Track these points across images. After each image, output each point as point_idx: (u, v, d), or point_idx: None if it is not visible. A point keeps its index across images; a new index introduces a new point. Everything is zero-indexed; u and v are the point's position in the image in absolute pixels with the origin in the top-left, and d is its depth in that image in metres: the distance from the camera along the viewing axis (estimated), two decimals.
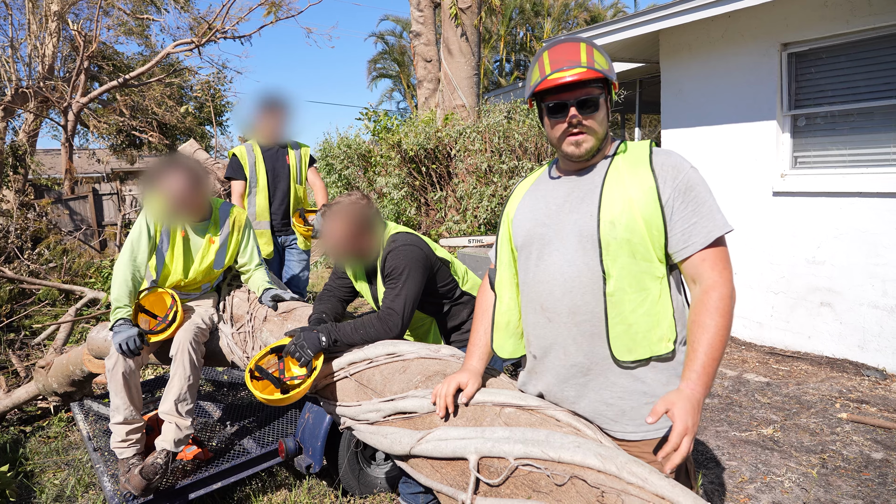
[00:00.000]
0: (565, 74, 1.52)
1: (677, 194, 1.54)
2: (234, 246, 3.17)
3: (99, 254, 10.01)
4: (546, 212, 1.69)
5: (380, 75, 25.55)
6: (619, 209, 1.54)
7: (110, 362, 2.76)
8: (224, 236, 3.12)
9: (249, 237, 3.23)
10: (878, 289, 4.54)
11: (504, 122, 7.81)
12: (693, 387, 1.44)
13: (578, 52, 1.56)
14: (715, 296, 1.50)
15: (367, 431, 2.06)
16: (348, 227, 2.40)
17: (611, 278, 1.55)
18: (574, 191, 1.66)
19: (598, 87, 1.57)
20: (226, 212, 3.15)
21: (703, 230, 1.53)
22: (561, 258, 1.62)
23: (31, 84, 12.23)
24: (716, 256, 1.54)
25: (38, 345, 5.66)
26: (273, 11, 11.88)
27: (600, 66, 1.55)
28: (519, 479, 1.50)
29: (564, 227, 1.63)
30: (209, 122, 18.39)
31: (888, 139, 4.50)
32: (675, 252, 1.56)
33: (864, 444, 3.46)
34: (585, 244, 1.58)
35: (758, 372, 4.70)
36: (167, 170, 2.87)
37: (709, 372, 1.46)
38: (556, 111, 1.58)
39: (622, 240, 1.53)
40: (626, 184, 1.57)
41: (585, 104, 1.55)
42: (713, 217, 1.54)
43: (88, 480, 3.44)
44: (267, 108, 4.23)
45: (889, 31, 4.36)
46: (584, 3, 22.13)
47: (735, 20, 5.14)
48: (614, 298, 1.55)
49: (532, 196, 1.78)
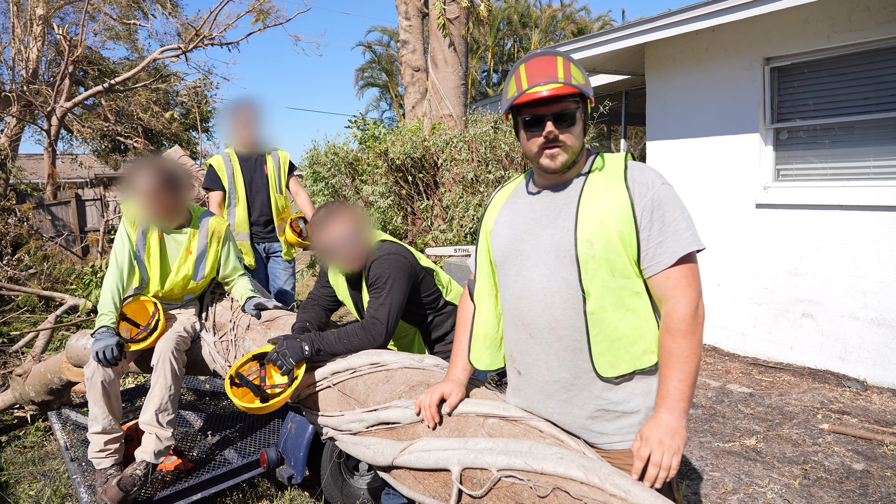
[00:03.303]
0: (542, 89, 1.52)
1: (646, 212, 1.54)
2: (214, 258, 3.11)
3: (81, 260, 9.89)
4: (524, 227, 1.69)
5: (367, 84, 25.59)
6: (595, 227, 1.55)
7: (89, 370, 2.72)
8: (202, 247, 3.05)
9: (230, 249, 3.17)
10: (859, 301, 4.59)
11: (491, 133, 7.83)
12: (665, 414, 1.48)
13: (556, 66, 1.56)
14: (676, 317, 1.52)
15: (350, 442, 2.04)
16: (351, 227, 2.39)
17: (591, 297, 1.55)
18: (550, 205, 1.66)
19: (575, 102, 1.57)
20: (205, 222, 3.09)
21: (668, 249, 1.53)
22: (540, 274, 1.62)
23: (14, 88, 12.10)
24: (680, 274, 1.54)
25: (15, 352, 5.55)
26: (261, 19, 11.87)
27: (577, 82, 1.55)
28: (502, 490, 1.49)
29: (542, 242, 1.63)
30: (195, 128, 18.28)
31: (868, 153, 4.58)
32: (643, 269, 1.57)
33: (846, 455, 3.49)
34: (563, 259, 1.58)
35: (741, 382, 4.73)
36: (142, 169, 2.83)
37: (681, 397, 1.49)
38: (532, 125, 1.58)
39: (600, 258, 1.54)
40: (601, 201, 1.57)
41: (562, 118, 1.56)
42: (679, 236, 1.54)
43: (65, 491, 3.37)
44: (238, 112, 4.21)
45: (869, 48, 4.44)
46: (572, 15, 22.37)
47: (719, 34, 5.21)
48: (595, 317, 1.56)
49: (510, 209, 1.78)
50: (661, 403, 1.50)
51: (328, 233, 2.39)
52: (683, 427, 1.47)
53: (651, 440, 1.45)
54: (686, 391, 1.49)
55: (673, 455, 1.43)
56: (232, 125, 4.23)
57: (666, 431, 1.45)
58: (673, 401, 1.48)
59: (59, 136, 13.95)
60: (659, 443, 1.43)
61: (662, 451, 1.43)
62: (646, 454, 1.44)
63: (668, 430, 1.45)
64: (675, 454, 1.43)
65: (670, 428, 1.45)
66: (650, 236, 1.54)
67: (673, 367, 1.50)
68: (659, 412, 1.49)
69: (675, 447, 1.44)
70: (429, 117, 9.39)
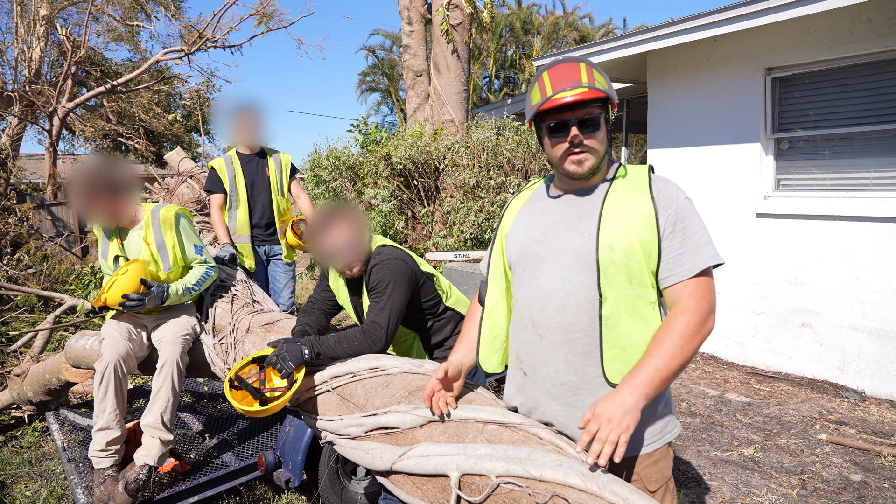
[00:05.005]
0: (567, 94, 1.53)
1: (669, 223, 1.56)
2: (172, 244, 3.13)
3: (80, 260, 9.89)
4: (542, 229, 1.69)
5: (369, 89, 25.60)
6: (618, 234, 1.56)
7: (101, 365, 2.73)
8: (159, 238, 3.09)
9: (181, 233, 3.18)
10: (858, 311, 4.60)
11: (492, 139, 7.85)
12: (625, 392, 1.46)
13: (579, 71, 1.57)
14: (682, 318, 1.52)
15: (349, 446, 2.03)
16: (351, 232, 2.39)
17: (607, 301, 1.56)
18: (571, 209, 1.67)
19: (599, 107, 1.59)
20: (156, 213, 3.14)
21: (688, 262, 1.55)
22: (556, 276, 1.62)
23: (17, 88, 12.11)
24: (697, 286, 1.55)
25: (14, 352, 5.54)
26: (264, 22, 11.91)
27: (601, 86, 1.56)
28: (500, 497, 1.49)
29: (560, 244, 1.63)
30: (197, 130, 18.30)
31: (868, 164, 4.59)
32: (661, 279, 1.58)
33: (843, 466, 3.48)
34: (582, 263, 1.58)
35: (739, 392, 4.73)
36: (77, 177, 3.02)
37: (648, 383, 1.46)
38: (557, 130, 1.59)
39: (620, 264, 1.55)
40: (625, 209, 1.58)
41: (587, 123, 1.57)
42: (700, 249, 1.56)
43: (61, 492, 3.36)
44: (239, 112, 4.24)
45: (870, 59, 4.46)
46: (574, 22, 22.42)
47: (721, 44, 5.23)
48: (610, 321, 1.56)
49: (528, 212, 1.78)
50: (627, 381, 1.48)
51: (328, 237, 2.39)
52: (638, 410, 1.44)
53: (601, 417, 1.42)
54: (656, 381, 1.47)
55: (620, 433, 1.39)
56: (233, 126, 4.25)
57: (619, 409, 1.42)
58: (639, 383, 1.46)
59: (60, 136, 13.96)
60: (608, 420, 1.41)
61: (610, 428, 1.40)
62: (594, 429, 1.41)
63: (621, 408, 1.42)
64: (623, 432, 1.40)
65: (625, 406, 1.43)
66: (672, 247, 1.55)
67: (656, 356, 1.49)
68: (621, 389, 1.47)
69: (625, 426, 1.40)
70: (430, 122, 9.42)
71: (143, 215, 3.13)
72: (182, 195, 6.80)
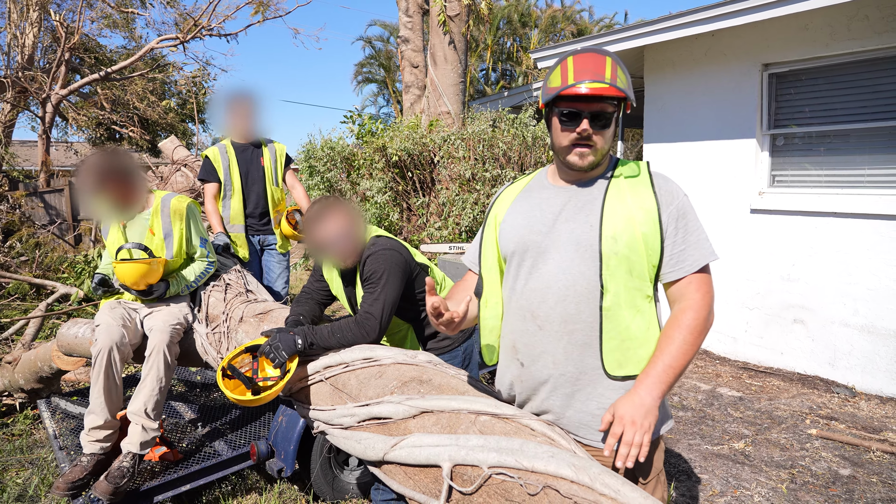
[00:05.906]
0: (589, 86, 1.52)
1: (671, 219, 1.58)
2: (180, 236, 3.14)
3: (73, 248, 9.83)
4: (541, 219, 1.68)
5: (366, 80, 25.48)
6: (621, 226, 1.56)
7: (96, 349, 2.74)
8: (167, 227, 3.10)
9: (190, 226, 3.20)
10: (850, 308, 4.62)
11: (489, 131, 7.83)
12: (643, 392, 1.50)
13: (604, 66, 1.56)
14: (690, 314, 1.56)
15: (341, 436, 2.03)
16: (345, 223, 2.38)
17: (608, 293, 1.56)
18: (572, 200, 1.66)
19: (614, 105, 1.58)
20: (167, 203, 3.14)
21: (691, 257, 1.58)
22: (556, 267, 1.62)
23: (9, 74, 12.00)
24: (700, 281, 1.59)
25: (5, 339, 5.52)
26: (261, 11, 11.83)
27: (622, 85, 1.55)
28: (492, 487, 1.49)
29: (561, 235, 1.63)
30: (191, 119, 18.19)
31: (862, 161, 4.60)
32: (664, 274, 1.60)
33: (833, 461, 3.51)
34: (583, 254, 1.58)
35: (731, 386, 4.75)
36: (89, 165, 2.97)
37: (664, 380, 1.51)
38: (568, 119, 1.58)
39: (622, 256, 1.56)
40: (627, 202, 1.59)
41: (598, 118, 1.56)
42: (701, 246, 1.59)
43: (52, 480, 3.36)
44: (235, 103, 4.21)
45: (867, 56, 4.46)
46: (572, 16, 22.34)
47: (718, 39, 5.23)
48: (610, 313, 1.57)
49: (525, 202, 1.76)
50: (643, 380, 1.52)
51: (322, 228, 2.38)
52: (657, 408, 1.50)
53: (625, 419, 1.47)
54: (670, 377, 1.51)
55: (644, 434, 1.46)
56: (228, 116, 4.23)
57: (640, 410, 1.47)
58: (655, 381, 1.51)
59: (53, 123, 13.85)
60: (632, 423, 1.46)
61: (635, 430, 1.45)
62: (618, 432, 1.46)
63: (642, 409, 1.47)
64: (646, 433, 1.46)
65: (644, 406, 1.48)
66: (675, 242, 1.58)
67: (667, 353, 1.53)
68: (638, 388, 1.51)
69: (647, 426, 1.46)
70: (427, 114, 9.39)
71: (153, 202, 3.13)
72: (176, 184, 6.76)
